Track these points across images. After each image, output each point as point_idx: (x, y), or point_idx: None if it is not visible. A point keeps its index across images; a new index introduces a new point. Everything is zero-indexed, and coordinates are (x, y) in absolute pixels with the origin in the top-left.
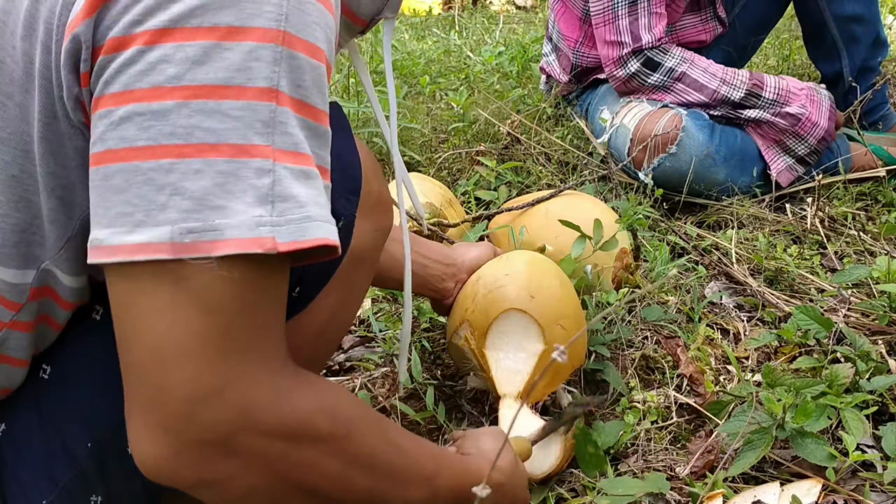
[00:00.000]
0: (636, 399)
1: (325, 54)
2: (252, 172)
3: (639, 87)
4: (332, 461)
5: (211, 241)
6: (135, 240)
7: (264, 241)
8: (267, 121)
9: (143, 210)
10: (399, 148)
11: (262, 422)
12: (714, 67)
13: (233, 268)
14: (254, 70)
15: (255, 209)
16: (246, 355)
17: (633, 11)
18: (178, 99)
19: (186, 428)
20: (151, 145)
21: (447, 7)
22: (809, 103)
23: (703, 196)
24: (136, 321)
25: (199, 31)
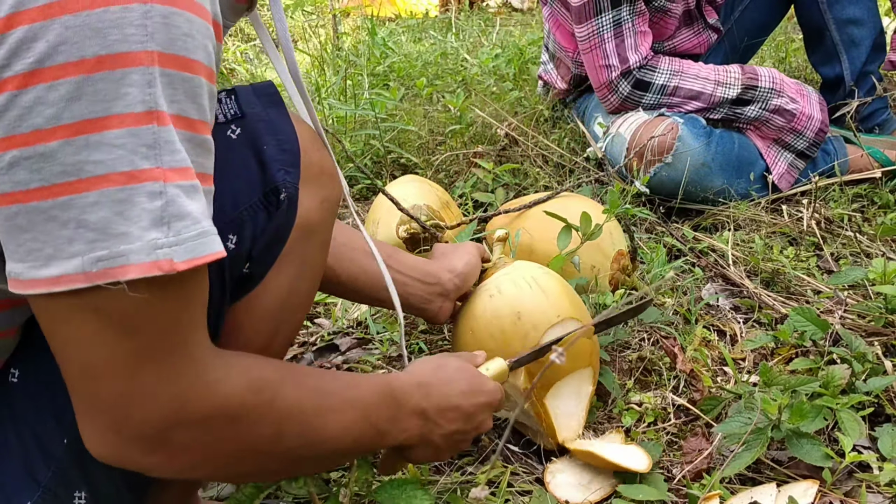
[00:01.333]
0: (633, 401)
1: (199, 63)
2: (144, 197)
3: (634, 107)
4: (265, 425)
5: (119, 267)
6: (49, 273)
7: (161, 264)
8: (151, 143)
9: (52, 245)
10: (396, 150)
11: (195, 413)
12: (705, 71)
13: (142, 290)
14: (129, 96)
15: (151, 233)
16: (170, 360)
17: (618, 33)
18: (61, 138)
19: (125, 429)
20: (46, 186)
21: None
22: (800, 97)
23: (700, 200)
24: (65, 346)
25: (67, 67)
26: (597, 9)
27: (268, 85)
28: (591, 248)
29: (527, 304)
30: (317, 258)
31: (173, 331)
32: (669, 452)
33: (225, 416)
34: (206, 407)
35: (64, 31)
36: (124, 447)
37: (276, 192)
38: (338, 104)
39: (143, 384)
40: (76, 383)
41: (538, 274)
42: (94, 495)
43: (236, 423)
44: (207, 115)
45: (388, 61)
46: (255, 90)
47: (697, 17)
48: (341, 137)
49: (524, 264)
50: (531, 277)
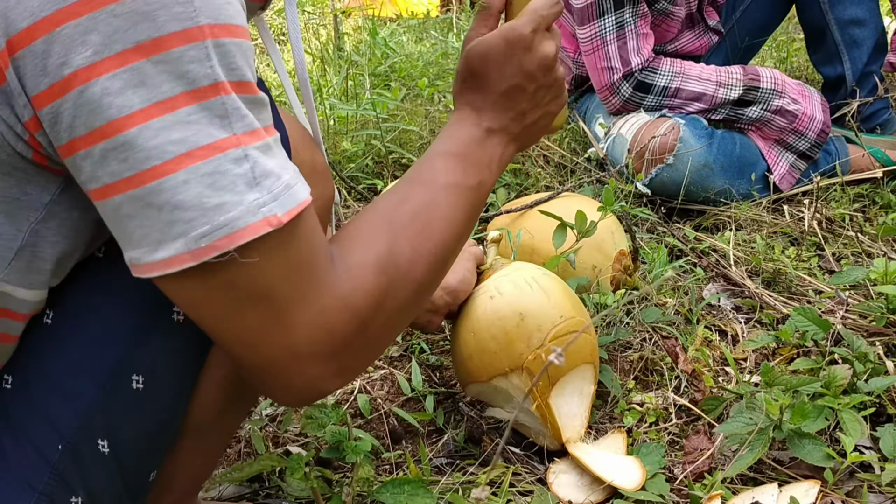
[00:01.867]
0: (635, 401)
1: (241, 27)
2: (231, 164)
3: (635, 108)
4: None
5: (224, 238)
6: (161, 256)
7: (270, 220)
8: (222, 114)
9: (157, 230)
10: (398, 150)
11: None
12: (707, 72)
13: (256, 252)
14: (191, 72)
15: (249, 195)
16: (310, 300)
17: (621, 36)
18: (137, 125)
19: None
20: (136, 173)
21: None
22: (802, 98)
23: (701, 201)
24: (210, 324)
25: (124, 55)
26: (599, 11)
27: (258, 82)
28: (592, 248)
29: (529, 304)
30: None
31: (297, 273)
32: (671, 452)
33: (373, 313)
34: (357, 318)
35: (113, 19)
36: (315, 388)
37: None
38: (339, 104)
39: (298, 333)
40: (243, 357)
41: (538, 275)
42: (92, 499)
43: (382, 308)
44: (255, 73)
45: (390, 61)
46: None
47: (699, 19)
48: (343, 138)
49: (522, 265)
50: (531, 278)
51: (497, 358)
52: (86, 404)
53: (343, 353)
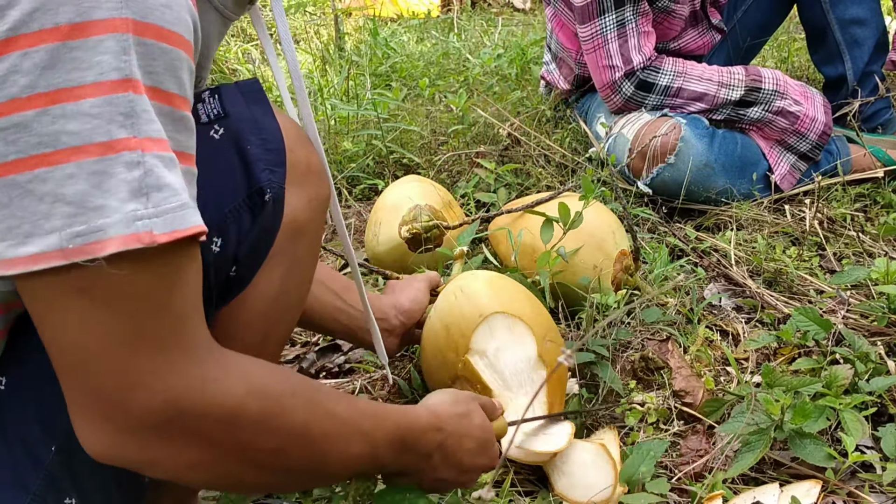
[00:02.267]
0: (636, 401)
1: (178, 36)
2: (122, 167)
3: (637, 107)
4: (268, 438)
5: (97, 242)
6: (27, 251)
7: (142, 236)
8: (127, 112)
9: (29, 221)
10: (399, 150)
11: (191, 408)
12: (709, 72)
13: (124, 266)
14: (103, 63)
15: (129, 204)
16: (164, 347)
17: (622, 34)
18: (37, 108)
19: (121, 420)
20: (22, 158)
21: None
22: (804, 99)
23: (702, 201)
24: (55, 333)
25: (41, 35)
26: (600, 9)
27: (252, 82)
28: (593, 248)
29: (453, 314)
30: (306, 258)
31: (164, 314)
32: (672, 452)
33: (222, 418)
34: (202, 404)
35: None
36: (120, 440)
37: (261, 192)
38: (340, 104)
39: (137, 370)
40: (69, 373)
41: (468, 281)
42: (85, 500)
43: (235, 427)
44: (187, 90)
45: (391, 61)
46: (240, 88)
47: (702, 17)
48: (343, 138)
49: (463, 275)
50: (458, 287)
51: (440, 372)
52: None
53: (167, 429)
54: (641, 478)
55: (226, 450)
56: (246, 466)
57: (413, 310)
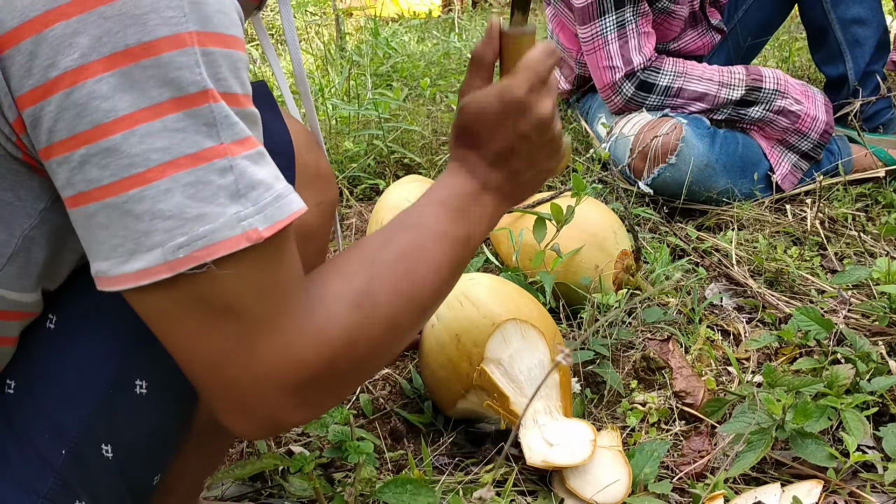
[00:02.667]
0: (637, 400)
1: (235, 38)
2: (215, 174)
3: (637, 108)
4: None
5: (202, 249)
6: (133, 268)
7: (249, 234)
8: (210, 122)
9: (132, 240)
10: (400, 150)
11: (320, 362)
12: (709, 72)
13: (232, 266)
14: (180, 79)
15: (231, 207)
16: (280, 325)
17: (622, 35)
18: (123, 130)
19: (267, 405)
20: (117, 180)
21: (447, 9)
22: (805, 98)
23: (703, 201)
24: (179, 343)
25: (113, 59)
26: (600, 10)
27: (260, 85)
28: (594, 247)
29: (462, 323)
30: (316, 262)
31: (272, 295)
32: (673, 452)
33: (344, 348)
34: (326, 352)
35: (103, 21)
36: (275, 419)
37: None
38: (341, 104)
39: (264, 358)
40: (203, 378)
41: (468, 286)
42: (95, 503)
43: (355, 344)
44: (247, 87)
45: (392, 61)
46: None
47: (702, 18)
48: (345, 138)
49: (462, 280)
50: (461, 294)
51: (451, 384)
52: (89, 409)
53: (308, 386)
54: (644, 479)
55: (356, 365)
56: (376, 356)
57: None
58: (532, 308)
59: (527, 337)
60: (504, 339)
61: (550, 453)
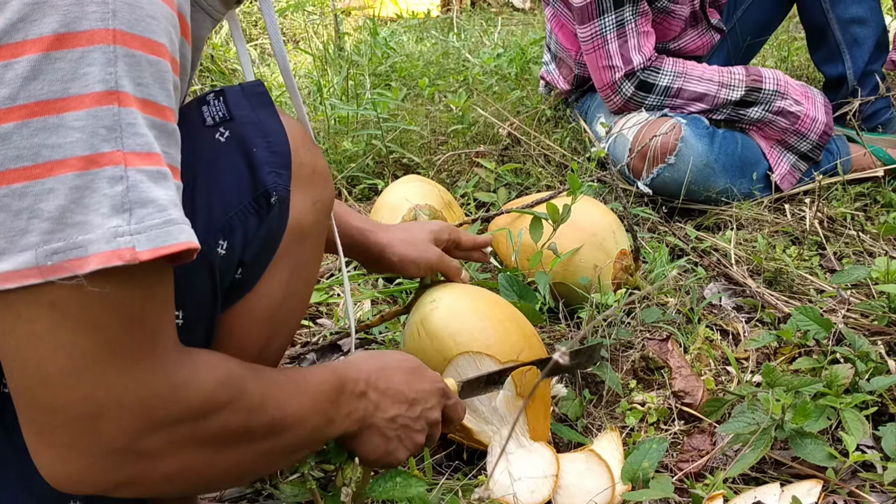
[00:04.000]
0: (636, 400)
1: (165, 48)
2: (105, 182)
3: (637, 108)
4: (235, 420)
5: (75, 259)
6: (1, 268)
7: (123, 253)
8: (111, 125)
9: (4, 237)
10: (399, 150)
11: (166, 416)
12: (709, 73)
13: (102, 283)
14: (88, 76)
15: (111, 220)
16: (136, 361)
17: (621, 34)
18: (17, 120)
19: (91, 443)
20: (1, 172)
21: (445, 9)
22: (804, 99)
23: (702, 200)
24: (19, 348)
25: (24, 45)
26: (599, 9)
27: (257, 84)
28: (593, 247)
29: (419, 353)
30: (311, 260)
31: (138, 327)
32: (673, 452)
33: (196, 416)
34: (177, 409)
35: (22, 7)
36: (91, 465)
37: (267, 195)
38: (340, 104)
39: (107, 388)
40: (31, 393)
41: (427, 312)
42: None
43: (207, 421)
44: (174, 102)
45: (390, 61)
46: (244, 90)
47: (702, 17)
48: (343, 137)
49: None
50: (419, 321)
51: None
52: None
53: (143, 438)
54: (643, 474)
55: (197, 445)
56: (218, 458)
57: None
58: (493, 327)
59: (482, 366)
60: (458, 372)
61: (515, 488)
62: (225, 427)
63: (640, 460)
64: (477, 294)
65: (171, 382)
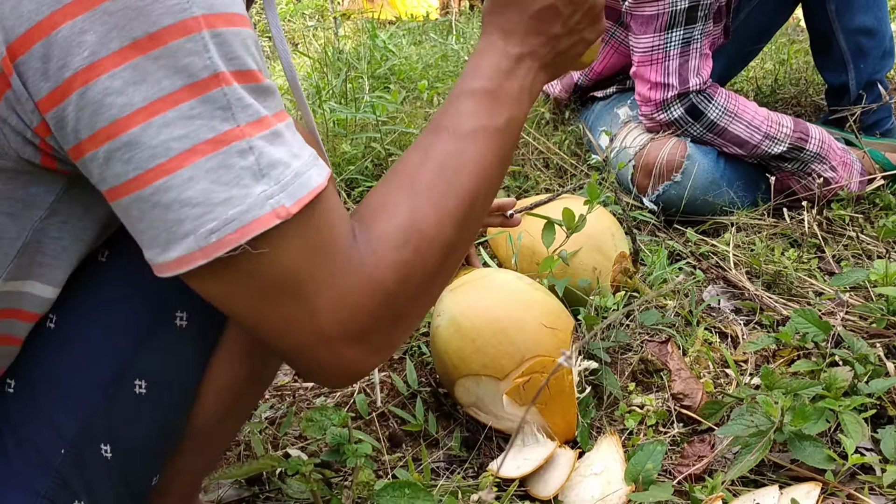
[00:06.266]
0: (635, 403)
1: (240, 16)
2: (237, 157)
3: (676, 132)
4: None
5: (235, 232)
6: (171, 256)
7: (279, 212)
8: (224, 105)
9: (165, 230)
10: (398, 152)
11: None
12: (759, 118)
13: (268, 243)
14: (190, 65)
15: (256, 187)
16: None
17: (684, 52)
18: (140, 123)
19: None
20: (141, 174)
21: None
22: (842, 167)
23: (708, 213)
24: (239, 317)
25: (122, 53)
26: (671, 21)
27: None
28: (592, 250)
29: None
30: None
31: (320, 258)
32: (672, 455)
33: (400, 284)
34: (383, 294)
35: (108, 17)
36: (353, 367)
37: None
38: (338, 107)
39: (325, 316)
40: (277, 346)
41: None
42: (94, 503)
43: (408, 280)
44: (259, 62)
45: (389, 64)
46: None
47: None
48: (342, 140)
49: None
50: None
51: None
52: (88, 408)
53: (374, 331)
54: (646, 475)
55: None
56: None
57: None
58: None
59: (481, 385)
60: (465, 389)
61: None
62: (428, 268)
63: (643, 461)
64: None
65: (365, 277)
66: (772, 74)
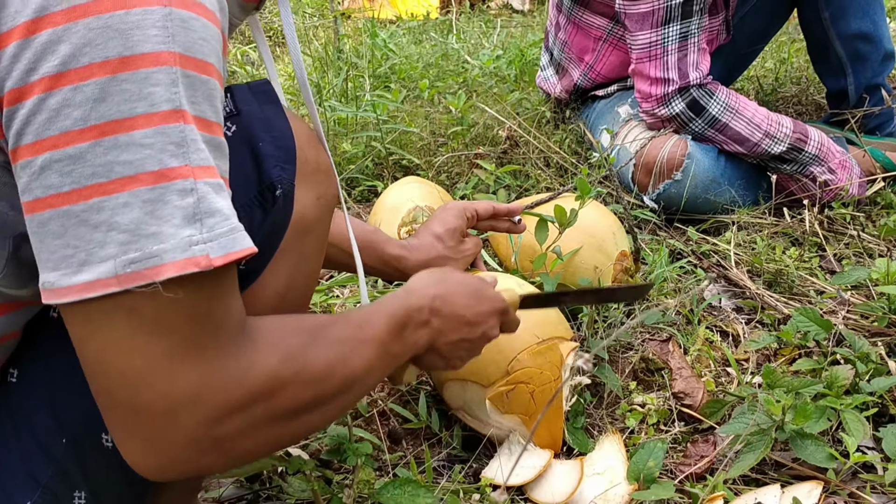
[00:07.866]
0: (636, 402)
1: (213, 67)
2: (175, 195)
3: (677, 128)
4: (303, 391)
5: (152, 268)
6: (82, 279)
7: (199, 260)
8: (179, 141)
9: (84, 250)
10: (398, 151)
11: (238, 401)
12: (759, 116)
13: (177, 289)
14: (154, 95)
15: (184, 230)
16: (207, 354)
17: (682, 47)
18: (90, 140)
19: (172, 436)
20: (77, 188)
21: (444, 11)
22: (841, 169)
23: (708, 212)
24: (98, 354)
25: (92, 68)
26: (667, 17)
27: (263, 83)
28: (593, 248)
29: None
30: (313, 255)
31: (206, 324)
32: (673, 454)
33: (266, 395)
34: (247, 392)
35: (87, 32)
36: (174, 455)
37: (272, 188)
38: (339, 106)
39: (184, 383)
40: (113, 396)
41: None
42: (94, 495)
43: (277, 396)
44: (221, 117)
45: (389, 63)
46: (252, 88)
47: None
48: (343, 139)
49: None
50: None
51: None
52: (90, 399)
53: (220, 424)
54: (648, 473)
55: (271, 420)
56: (293, 423)
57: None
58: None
59: (468, 390)
60: (453, 393)
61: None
62: (294, 400)
63: (645, 459)
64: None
65: (239, 367)
66: (772, 73)
